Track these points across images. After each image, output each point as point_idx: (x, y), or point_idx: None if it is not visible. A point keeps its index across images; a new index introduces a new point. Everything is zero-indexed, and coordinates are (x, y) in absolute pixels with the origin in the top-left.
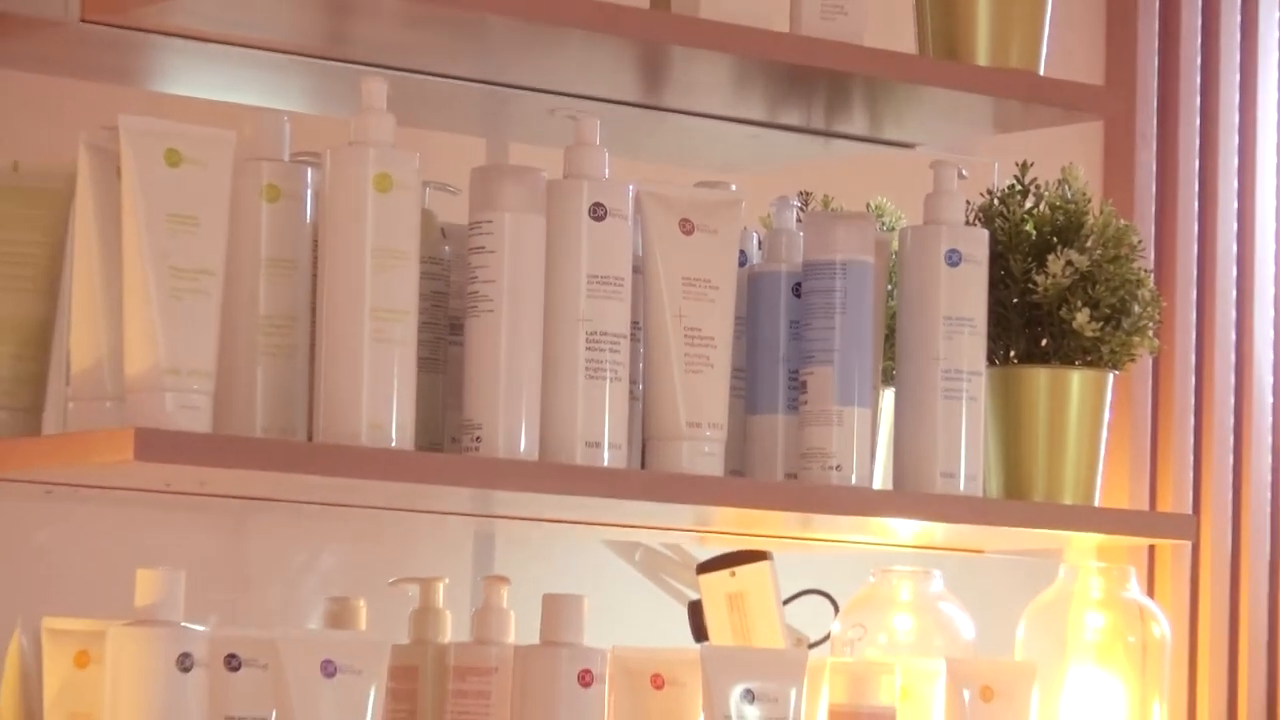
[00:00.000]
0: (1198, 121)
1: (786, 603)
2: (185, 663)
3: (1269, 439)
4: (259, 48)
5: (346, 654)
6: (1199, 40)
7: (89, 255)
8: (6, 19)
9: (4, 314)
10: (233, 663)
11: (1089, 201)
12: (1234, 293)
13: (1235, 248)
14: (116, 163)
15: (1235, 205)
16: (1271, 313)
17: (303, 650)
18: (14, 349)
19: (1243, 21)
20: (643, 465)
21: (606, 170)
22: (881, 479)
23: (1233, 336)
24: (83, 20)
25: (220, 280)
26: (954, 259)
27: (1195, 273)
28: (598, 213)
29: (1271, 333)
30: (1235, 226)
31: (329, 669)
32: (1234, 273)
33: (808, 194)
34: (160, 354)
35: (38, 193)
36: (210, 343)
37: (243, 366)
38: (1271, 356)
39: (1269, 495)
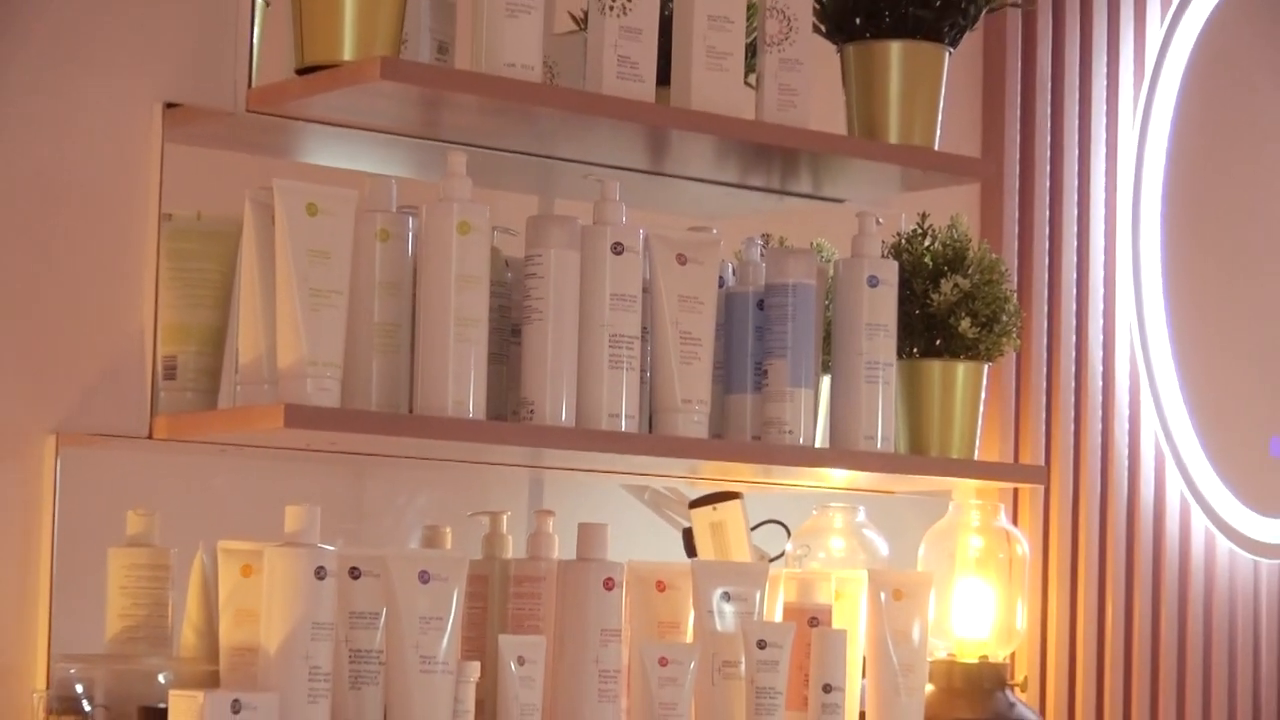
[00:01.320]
0: (1048, 183)
1: (753, 529)
2: (320, 573)
3: (1100, 412)
4: (374, 130)
5: (437, 566)
6: (1049, 124)
7: (252, 279)
8: (192, 110)
9: (190, 322)
10: (354, 573)
11: (970, 241)
12: (1074, 306)
13: (1075, 275)
14: (271, 212)
15: (1075, 243)
16: (1101, 321)
17: (405, 563)
18: (197, 347)
19: (1080, 109)
20: (650, 430)
21: (624, 218)
22: (820, 440)
23: (1074, 339)
24: (248, 111)
25: (346, 298)
26: (873, 282)
27: (1046, 292)
28: (618, 249)
29: (1101, 336)
30: (1075, 259)
31: (424, 577)
32: (1074, 292)
33: (768, 235)
34: (303, 350)
35: (215, 234)
36: (339, 343)
37: (362, 359)
38: (1101, 353)
39: (1100, 453)
